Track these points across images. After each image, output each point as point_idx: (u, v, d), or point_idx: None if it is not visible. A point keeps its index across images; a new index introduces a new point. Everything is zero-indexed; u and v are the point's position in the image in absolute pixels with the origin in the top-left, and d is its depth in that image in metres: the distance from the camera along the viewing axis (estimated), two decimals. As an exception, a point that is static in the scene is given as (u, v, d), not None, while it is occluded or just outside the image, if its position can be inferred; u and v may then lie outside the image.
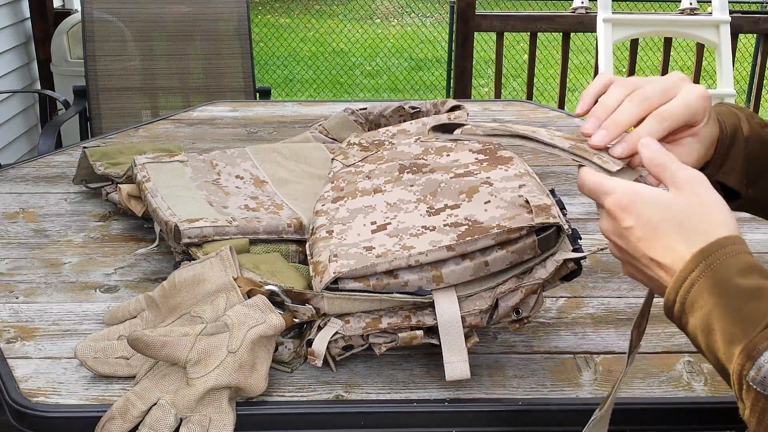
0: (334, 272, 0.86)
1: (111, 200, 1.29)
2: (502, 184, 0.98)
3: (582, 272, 0.92)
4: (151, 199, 1.12)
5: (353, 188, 1.05)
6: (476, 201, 0.96)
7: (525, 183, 0.98)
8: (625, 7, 6.79)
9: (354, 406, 0.85)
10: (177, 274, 0.94)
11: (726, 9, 3.05)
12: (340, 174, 1.11)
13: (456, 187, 0.99)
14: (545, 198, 0.93)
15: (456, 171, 1.04)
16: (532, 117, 1.88)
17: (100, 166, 1.33)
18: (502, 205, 0.93)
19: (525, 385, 0.88)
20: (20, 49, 3.54)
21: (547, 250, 0.90)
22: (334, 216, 1.00)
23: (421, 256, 0.87)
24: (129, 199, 1.21)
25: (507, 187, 0.97)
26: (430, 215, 0.95)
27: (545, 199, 0.93)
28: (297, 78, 7.05)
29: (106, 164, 1.34)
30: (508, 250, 0.88)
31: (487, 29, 3.27)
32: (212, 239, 1.02)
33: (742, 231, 1.28)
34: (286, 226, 1.07)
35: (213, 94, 2.86)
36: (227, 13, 2.90)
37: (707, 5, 3.15)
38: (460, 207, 0.95)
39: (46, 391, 0.86)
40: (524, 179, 0.99)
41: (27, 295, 1.05)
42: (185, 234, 1.02)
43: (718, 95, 3.06)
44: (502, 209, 0.92)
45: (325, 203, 1.04)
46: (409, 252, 0.87)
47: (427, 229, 0.92)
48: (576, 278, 0.92)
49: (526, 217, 0.89)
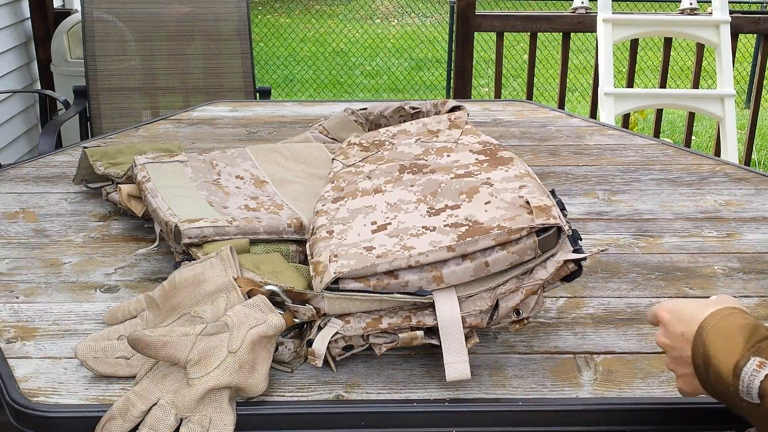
0: (335, 272, 0.86)
1: (111, 200, 1.29)
2: (502, 184, 0.98)
3: (582, 273, 0.92)
4: (151, 199, 1.12)
5: (353, 188, 1.05)
6: (476, 201, 0.96)
7: (525, 184, 0.98)
8: (625, 7, 6.79)
9: (354, 406, 0.85)
10: (177, 274, 0.94)
11: (726, 9, 3.05)
12: (341, 174, 1.11)
13: (456, 187, 0.99)
14: (546, 199, 0.93)
15: (456, 171, 1.04)
16: (532, 117, 1.88)
17: (101, 166, 1.33)
18: (502, 205, 0.93)
19: (525, 385, 0.88)
20: (20, 49, 3.53)
21: (547, 251, 0.90)
22: (335, 216, 1.00)
23: (421, 256, 0.87)
24: (129, 199, 1.21)
25: (507, 188, 0.97)
26: (430, 215, 0.95)
27: (546, 199, 0.93)
28: (297, 78, 7.05)
29: (106, 164, 1.34)
30: (508, 250, 0.88)
31: (487, 29, 3.26)
32: (212, 239, 1.02)
33: (742, 231, 1.28)
34: (287, 227, 1.07)
35: (213, 94, 2.86)
36: (227, 13, 2.90)
37: (707, 5, 3.15)
38: (460, 207, 0.95)
39: (46, 391, 0.86)
40: (525, 180, 0.99)
41: (27, 295, 1.05)
42: (185, 234, 1.02)
43: (718, 95, 3.06)
44: (503, 210, 0.92)
45: (325, 203, 1.04)
46: (410, 252, 0.87)
47: (428, 229, 0.92)
48: (576, 278, 0.93)
49: (526, 218, 0.89)
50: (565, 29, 3.25)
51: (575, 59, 6.49)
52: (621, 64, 4.88)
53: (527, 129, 1.79)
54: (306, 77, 7.08)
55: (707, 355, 0.73)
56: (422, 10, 9.58)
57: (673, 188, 1.46)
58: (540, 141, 1.71)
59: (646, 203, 1.39)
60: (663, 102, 3.24)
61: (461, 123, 1.18)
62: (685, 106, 3.19)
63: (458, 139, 1.13)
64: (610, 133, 1.77)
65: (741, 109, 6.03)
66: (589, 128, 1.81)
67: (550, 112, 1.92)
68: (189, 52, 2.89)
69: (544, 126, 1.80)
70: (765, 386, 0.68)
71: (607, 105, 2.98)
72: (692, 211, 1.36)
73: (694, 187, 1.46)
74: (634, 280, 1.12)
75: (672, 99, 3.28)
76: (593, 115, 3.31)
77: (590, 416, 0.85)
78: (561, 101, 3.35)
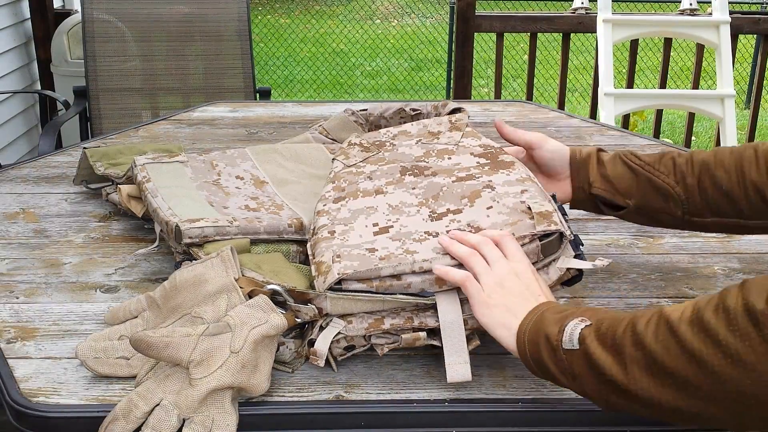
0: (339, 273, 0.86)
1: (111, 201, 1.29)
2: (504, 188, 0.98)
3: (582, 277, 0.92)
4: (152, 199, 1.12)
5: (355, 189, 1.05)
6: (478, 206, 0.96)
7: (527, 188, 0.98)
8: (625, 8, 6.79)
9: (354, 406, 0.85)
10: (178, 274, 0.94)
11: (726, 9, 3.05)
12: (341, 174, 1.11)
13: (458, 191, 0.99)
14: (547, 204, 0.93)
15: (458, 174, 1.04)
16: (532, 117, 1.88)
17: (101, 167, 1.33)
18: (504, 210, 0.94)
19: (525, 385, 0.89)
20: (20, 50, 3.54)
21: (550, 255, 0.90)
22: (336, 216, 1.00)
23: (425, 263, 0.87)
24: (129, 200, 1.21)
25: (509, 192, 0.97)
26: (432, 220, 0.95)
27: (547, 205, 0.93)
28: (297, 78, 7.05)
29: (106, 164, 1.34)
30: None
31: (487, 30, 3.27)
32: (213, 239, 1.02)
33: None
34: (287, 226, 1.07)
35: (213, 95, 2.86)
36: (227, 13, 2.90)
37: (707, 5, 3.15)
38: (462, 212, 0.95)
39: (46, 391, 0.86)
40: (526, 184, 0.99)
41: (27, 295, 1.06)
42: (186, 234, 1.02)
43: (718, 95, 3.06)
44: (505, 215, 0.93)
45: (326, 203, 1.04)
46: (413, 257, 0.87)
47: (430, 234, 0.92)
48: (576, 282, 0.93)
49: (528, 224, 0.90)
50: (565, 30, 3.25)
51: (575, 59, 6.49)
52: (621, 64, 4.88)
53: (527, 129, 1.79)
54: (306, 78, 7.08)
55: (533, 351, 0.79)
56: (422, 10, 9.58)
57: (673, 188, 1.46)
58: (540, 141, 1.71)
59: (646, 203, 1.39)
60: (663, 102, 3.24)
61: (462, 125, 1.18)
62: (685, 106, 3.19)
63: (459, 141, 1.13)
64: (610, 133, 1.77)
65: (741, 109, 6.03)
66: (589, 128, 1.81)
67: (550, 113, 1.92)
68: (189, 53, 2.89)
69: (544, 126, 1.81)
70: (584, 333, 0.75)
71: (607, 105, 2.98)
72: (692, 211, 1.36)
73: (694, 188, 1.46)
74: (634, 281, 1.12)
75: (672, 99, 3.28)
76: (593, 116, 3.31)
77: (590, 416, 0.85)
78: (561, 102, 3.35)
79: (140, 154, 1.33)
